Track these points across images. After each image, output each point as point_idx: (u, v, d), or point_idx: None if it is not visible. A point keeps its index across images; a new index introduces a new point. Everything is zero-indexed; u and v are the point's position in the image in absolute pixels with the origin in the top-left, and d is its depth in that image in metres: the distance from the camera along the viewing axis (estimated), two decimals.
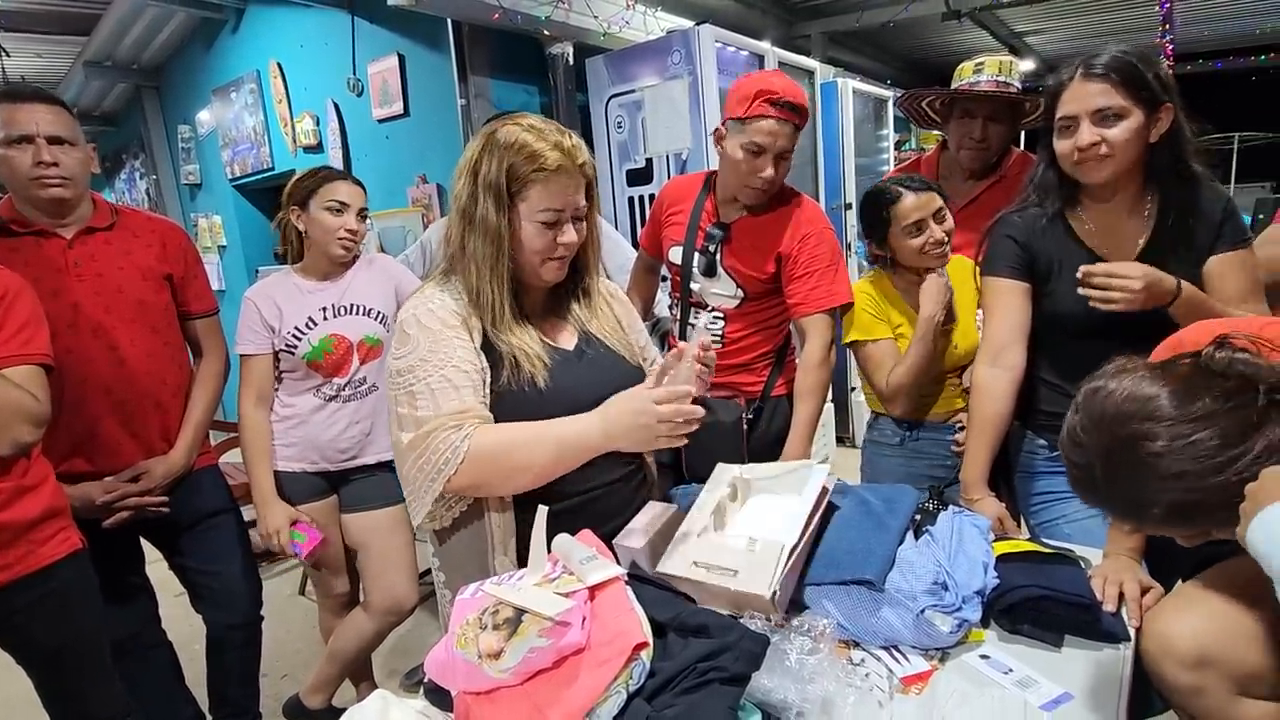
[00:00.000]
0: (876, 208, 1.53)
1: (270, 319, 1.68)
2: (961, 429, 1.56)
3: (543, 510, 0.89)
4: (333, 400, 1.73)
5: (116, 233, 1.54)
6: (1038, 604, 0.95)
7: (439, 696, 0.88)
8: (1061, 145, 1.22)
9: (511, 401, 1.02)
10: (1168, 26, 6.00)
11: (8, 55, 4.80)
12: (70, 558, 1.29)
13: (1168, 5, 5.56)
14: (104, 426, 1.50)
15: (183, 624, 1.79)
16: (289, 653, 2.41)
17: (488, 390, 1.01)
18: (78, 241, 1.49)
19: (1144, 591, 1.01)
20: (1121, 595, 1.00)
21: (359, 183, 1.76)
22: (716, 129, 1.59)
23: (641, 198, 3.00)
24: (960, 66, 1.77)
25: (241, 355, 1.70)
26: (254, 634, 1.79)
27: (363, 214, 1.73)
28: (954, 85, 1.74)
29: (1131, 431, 0.75)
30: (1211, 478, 0.71)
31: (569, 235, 1.04)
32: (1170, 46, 5.92)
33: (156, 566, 1.69)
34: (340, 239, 1.69)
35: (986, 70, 1.70)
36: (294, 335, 1.67)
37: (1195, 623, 0.91)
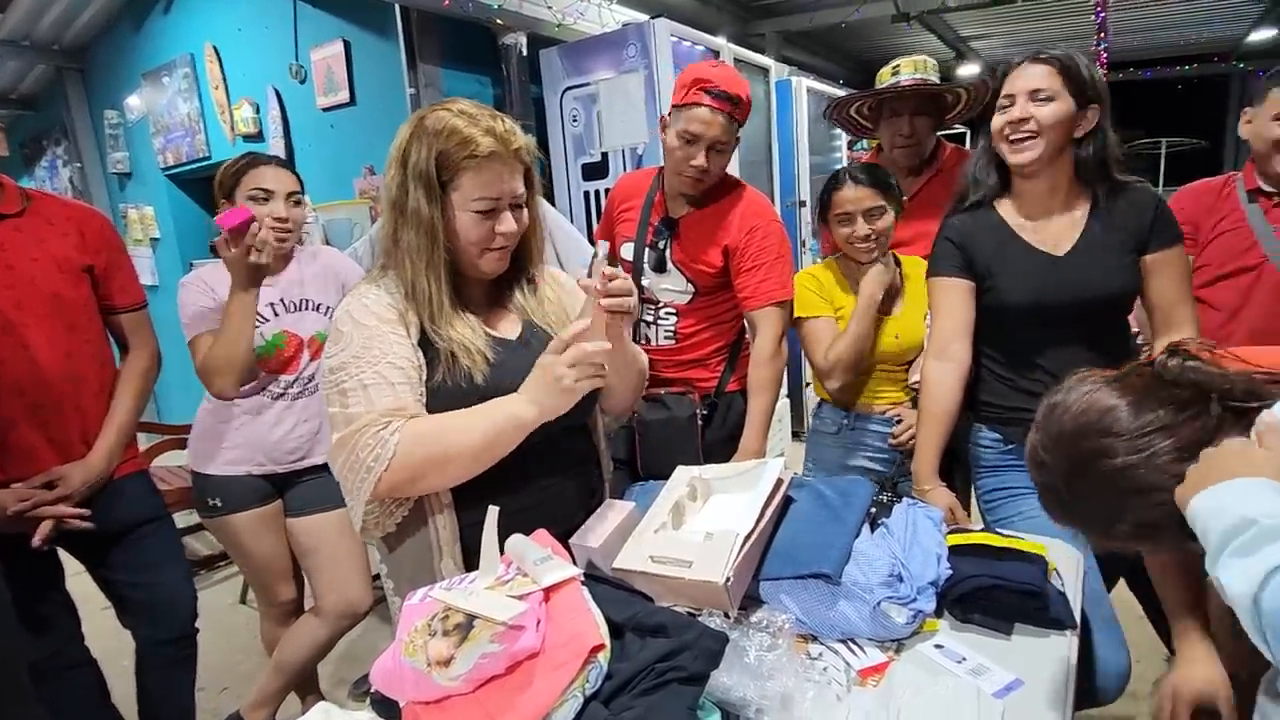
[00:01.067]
0: (825, 189, 1.59)
1: (217, 298, 1.57)
2: (899, 422, 1.60)
3: (493, 510, 0.86)
4: (280, 398, 1.66)
5: (28, 219, 1.42)
6: (989, 593, 0.97)
7: (386, 707, 0.84)
8: (997, 121, 1.29)
9: (447, 397, 0.98)
10: (1102, 35, 6.28)
11: None
12: None
13: (1103, 15, 5.82)
14: (18, 432, 1.39)
15: (110, 639, 1.68)
16: (229, 665, 2.30)
17: (423, 387, 0.98)
18: None
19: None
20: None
21: (287, 166, 1.67)
22: (661, 118, 1.59)
23: (597, 192, 2.96)
24: (880, 73, 1.86)
25: (196, 339, 1.58)
26: (189, 649, 1.68)
27: (295, 199, 1.64)
28: (877, 90, 1.82)
29: (1090, 448, 0.73)
30: (1169, 492, 0.68)
31: (507, 224, 1.00)
32: (1104, 54, 6.20)
33: (79, 579, 1.58)
34: (270, 229, 1.58)
35: (904, 70, 1.79)
36: None
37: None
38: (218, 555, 3.01)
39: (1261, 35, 6.32)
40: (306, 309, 1.68)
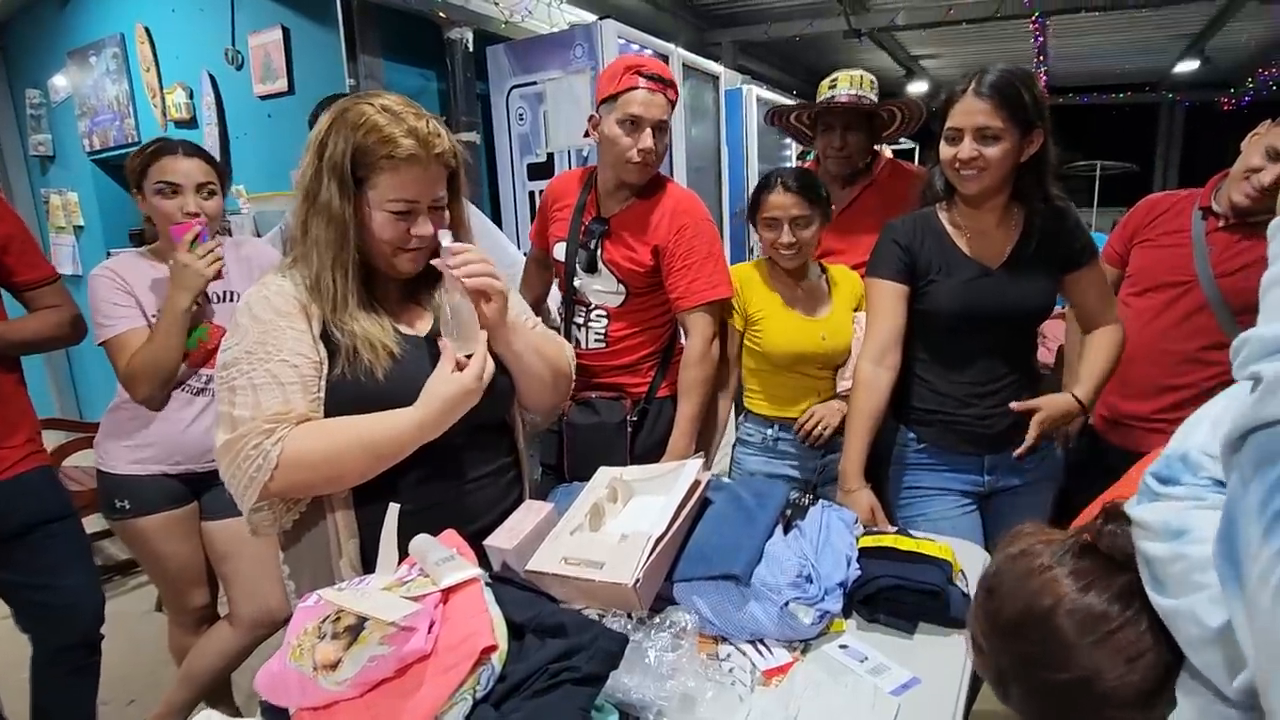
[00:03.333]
0: (756, 189, 1.61)
1: (132, 293, 1.50)
2: (809, 417, 1.60)
3: (393, 508, 0.83)
4: (200, 394, 1.58)
5: None
6: (893, 592, 0.99)
7: (276, 715, 0.81)
8: (945, 152, 1.31)
9: (348, 393, 0.95)
10: (1042, 58, 6.56)
11: None
12: None
13: (1041, 39, 6.07)
14: None
15: (8, 648, 1.57)
16: (138, 676, 2.18)
17: (323, 383, 0.94)
18: None
19: None
20: None
21: (197, 152, 1.57)
22: (591, 116, 1.58)
23: (541, 192, 2.94)
24: (821, 85, 1.88)
25: (110, 340, 1.48)
26: (91, 656, 1.59)
27: (207, 190, 1.56)
28: (816, 102, 1.85)
29: (1034, 655, 0.62)
30: (1136, 709, 0.58)
31: (424, 227, 0.97)
32: (1045, 78, 6.48)
33: None
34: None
35: (840, 85, 1.81)
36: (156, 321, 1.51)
37: None
38: (133, 560, 2.86)
39: (1185, 67, 6.71)
40: (231, 300, 1.61)
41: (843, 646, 0.95)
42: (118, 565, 2.88)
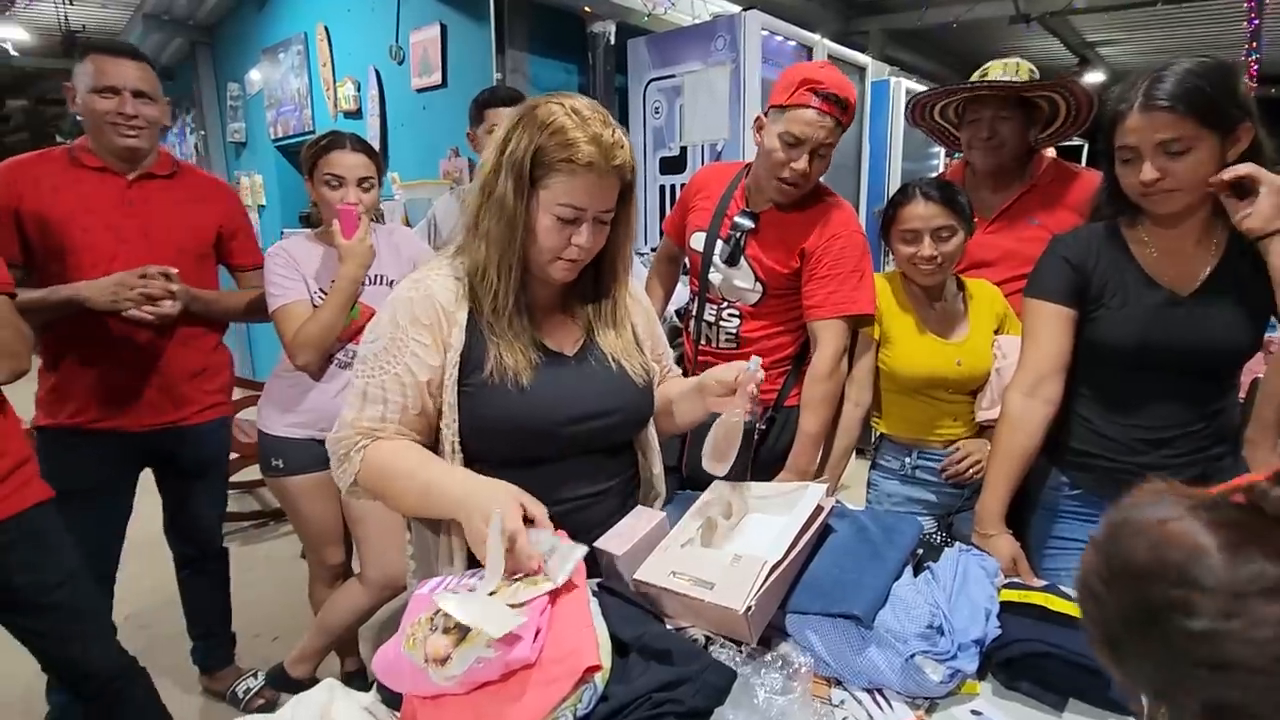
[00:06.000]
0: (891, 203, 1.48)
1: (300, 269, 1.66)
2: (954, 451, 1.48)
3: (496, 516, 0.83)
4: (346, 368, 1.71)
5: (176, 183, 1.69)
6: (1040, 660, 0.87)
7: (390, 692, 0.84)
8: (1125, 177, 1.12)
9: (489, 398, 0.96)
10: (1255, 45, 5.65)
11: (70, 4, 4.92)
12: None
13: (1256, 21, 5.23)
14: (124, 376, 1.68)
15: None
16: (284, 614, 2.42)
17: (445, 391, 0.97)
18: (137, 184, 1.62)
19: None
20: None
21: (362, 147, 1.69)
22: (758, 117, 1.51)
23: (673, 186, 2.92)
24: (972, 77, 1.69)
25: (279, 309, 1.65)
26: (220, 564, 2.01)
27: (366, 184, 1.67)
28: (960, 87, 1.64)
29: (1165, 599, 0.56)
30: (1264, 677, 0.51)
31: (584, 238, 0.95)
32: (1255, 65, 5.58)
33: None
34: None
35: (991, 73, 1.64)
36: (320, 297, 1.65)
37: None
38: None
39: None
40: (381, 284, 1.72)
41: (975, 713, 0.85)
42: (272, 512, 3.21)
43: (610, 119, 0.96)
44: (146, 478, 1.80)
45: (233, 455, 2.06)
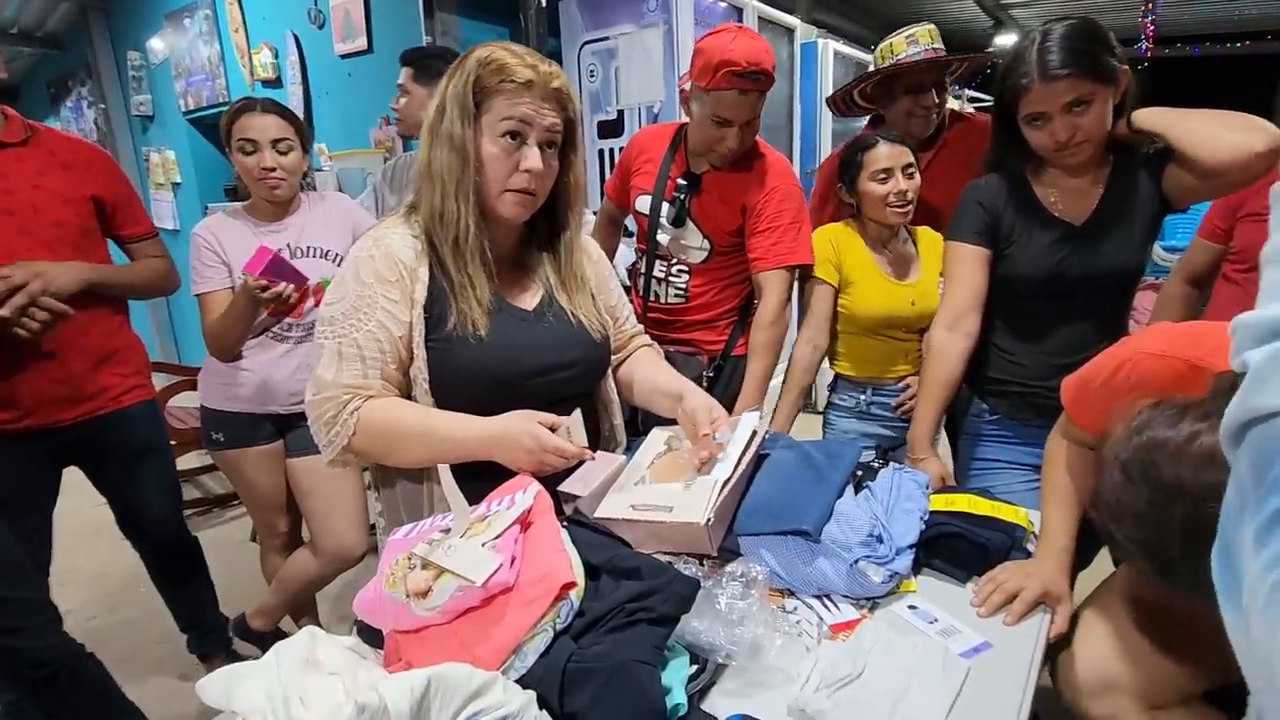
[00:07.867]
0: (852, 150, 1.57)
1: (222, 255, 1.62)
2: (905, 389, 1.60)
3: (443, 468, 0.87)
4: (284, 341, 1.69)
5: (30, 150, 1.47)
6: (953, 540, 1.01)
7: (370, 634, 0.88)
8: (1037, 138, 1.23)
9: (453, 351, 0.99)
10: (1150, 6, 5.99)
11: None
12: None
13: None
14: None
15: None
16: (234, 598, 2.37)
17: (415, 347, 0.98)
18: None
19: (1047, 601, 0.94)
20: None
21: (274, 108, 1.63)
22: (681, 90, 1.56)
23: (611, 150, 2.93)
24: (887, 45, 1.76)
25: (202, 295, 1.62)
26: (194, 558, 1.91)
27: (284, 145, 1.62)
28: (889, 62, 1.73)
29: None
30: None
31: (532, 159, 0.96)
32: (1151, 28, 5.91)
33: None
34: (260, 179, 1.61)
35: (921, 41, 1.72)
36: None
37: (1092, 652, 0.94)
38: (229, 494, 3.10)
39: None
40: (313, 255, 1.70)
41: (912, 607, 0.95)
42: (216, 499, 3.12)
43: (547, 59, 1.00)
44: None
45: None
